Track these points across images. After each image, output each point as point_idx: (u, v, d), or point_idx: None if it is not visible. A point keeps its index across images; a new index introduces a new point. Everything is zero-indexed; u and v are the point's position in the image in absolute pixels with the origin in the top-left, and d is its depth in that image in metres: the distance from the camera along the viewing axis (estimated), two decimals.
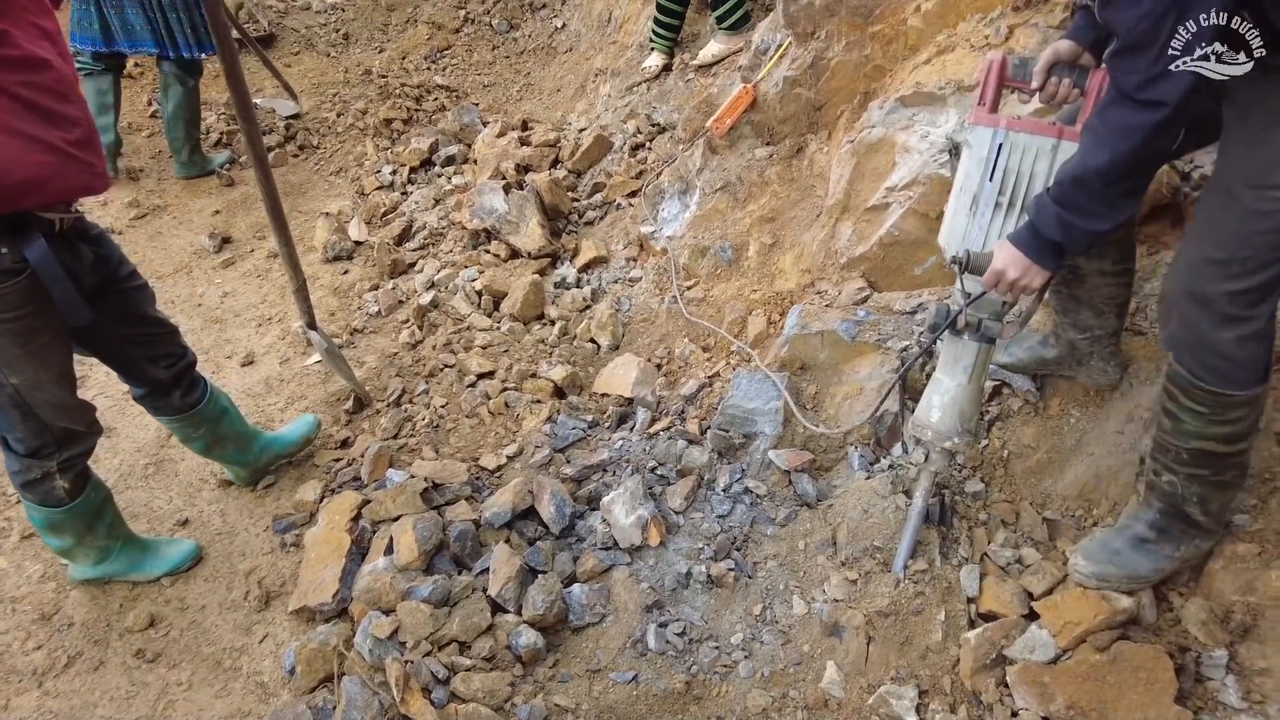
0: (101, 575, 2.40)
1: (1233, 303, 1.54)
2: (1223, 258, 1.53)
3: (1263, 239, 1.48)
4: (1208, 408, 1.65)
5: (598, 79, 5.07)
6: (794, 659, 2.05)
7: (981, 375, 2.00)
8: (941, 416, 2.00)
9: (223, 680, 2.20)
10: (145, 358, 2.29)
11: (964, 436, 1.99)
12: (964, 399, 1.99)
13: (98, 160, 1.91)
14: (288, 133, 5.35)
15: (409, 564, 2.25)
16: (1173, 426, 1.73)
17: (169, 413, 2.41)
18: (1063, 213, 1.61)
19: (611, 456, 2.64)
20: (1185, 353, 1.66)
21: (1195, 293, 1.58)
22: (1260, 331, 1.57)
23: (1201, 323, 1.59)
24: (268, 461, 2.76)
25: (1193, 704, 1.76)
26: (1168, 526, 1.83)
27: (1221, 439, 1.68)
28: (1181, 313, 1.63)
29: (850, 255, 2.82)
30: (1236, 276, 1.52)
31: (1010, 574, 2.07)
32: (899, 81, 2.98)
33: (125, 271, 2.20)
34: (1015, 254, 1.71)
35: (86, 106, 1.92)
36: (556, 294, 3.47)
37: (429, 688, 1.98)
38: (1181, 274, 1.63)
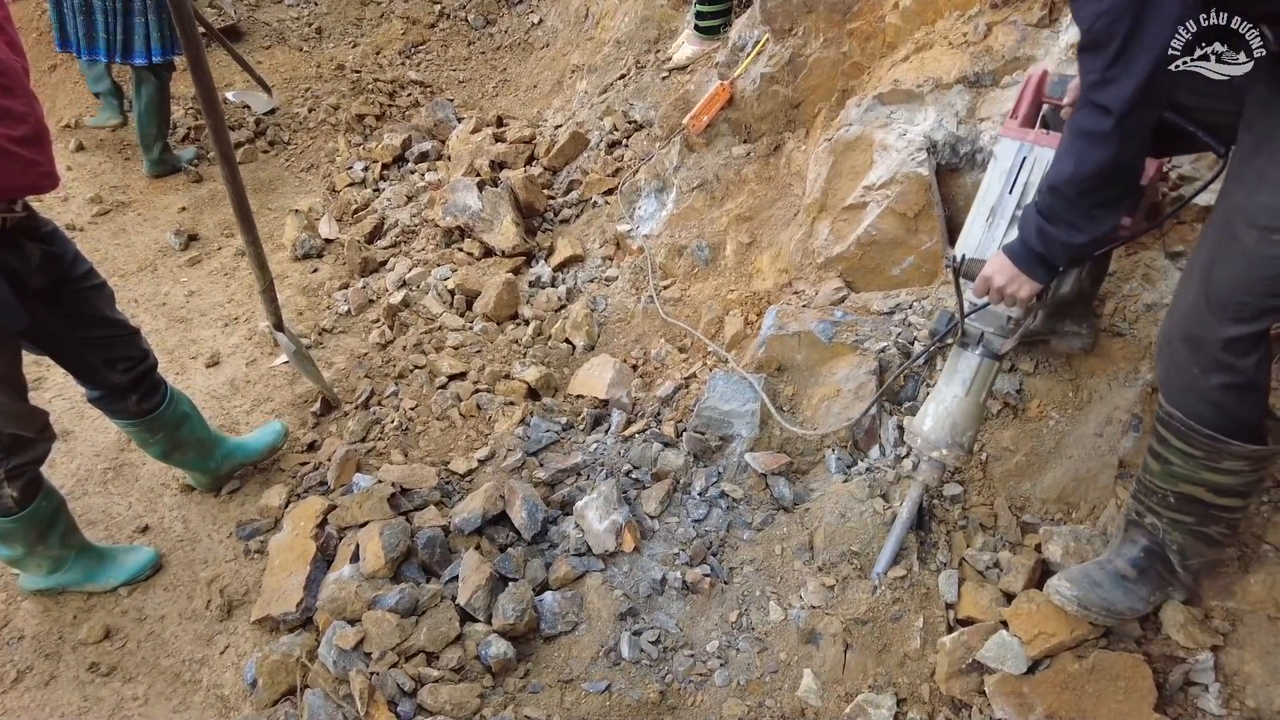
0: (55, 586, 2.32)
1: (1227, 349, 1.48)
2: (1221, 301, 1.47)
3: (1264, 285, 1.42)
4: (1202, 452, 1.58)
5: (575, 75, 5.01)
6: (770, 667, 2.00)
7: (981, 390, 1.94)
8: (933, 426, 1.96)
9: (181, 693, 2.12)
10: (102, 361, 2.20)
11: (953, 449, 1.94)
12: (958, 411, 1.94)
13: (45, 159, 1.83)
14: (258, 128, 5.24)
15: (375, 572, 2.19)
16: (1161, 469, 1.67)
17: (125, 417, 2.33)
18: (1043, 223, 1.58)
19: (586, 460, 2.59)
20: (1177, 396, 1.60)
21: (1190, 335, 1.53)
22: (1247, 383, 1.51)
23: (1194, 367, 1.54)
24: (231, 469, 2.68)
25: (1173, 711, 1.73)
26: (1149, 568, 1.77)
27: (1211, 487, 1.62)
28: (1174, 355, 1.58)
29: (828, 255, 2.79)
30: (1233, 321, 1.46)
31: (989, 578, 2.04)
32: (877, 79, 2.95)
33: (80, 270, 2.10)
34: (1004, 262, 1.69)
35: (36, 101, 1.84)
36: (531, 293, 3.41)
37: (395, 700, 1.92)
38: (1179, 316, 1.57)
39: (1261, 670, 1.67)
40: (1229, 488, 1.61)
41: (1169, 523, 1.71)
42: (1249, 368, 1.49)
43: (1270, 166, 1.39)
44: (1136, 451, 2.09)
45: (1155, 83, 1.31)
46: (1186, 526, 1.69)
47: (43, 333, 2.03)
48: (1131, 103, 1.33)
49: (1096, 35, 1.32)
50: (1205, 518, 1.67)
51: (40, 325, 1.94)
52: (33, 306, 1.93)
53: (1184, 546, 1.72)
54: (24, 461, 2.07)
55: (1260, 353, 1.50)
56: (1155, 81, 1.31)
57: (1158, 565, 1.78)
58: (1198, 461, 1.60)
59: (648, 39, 4.59)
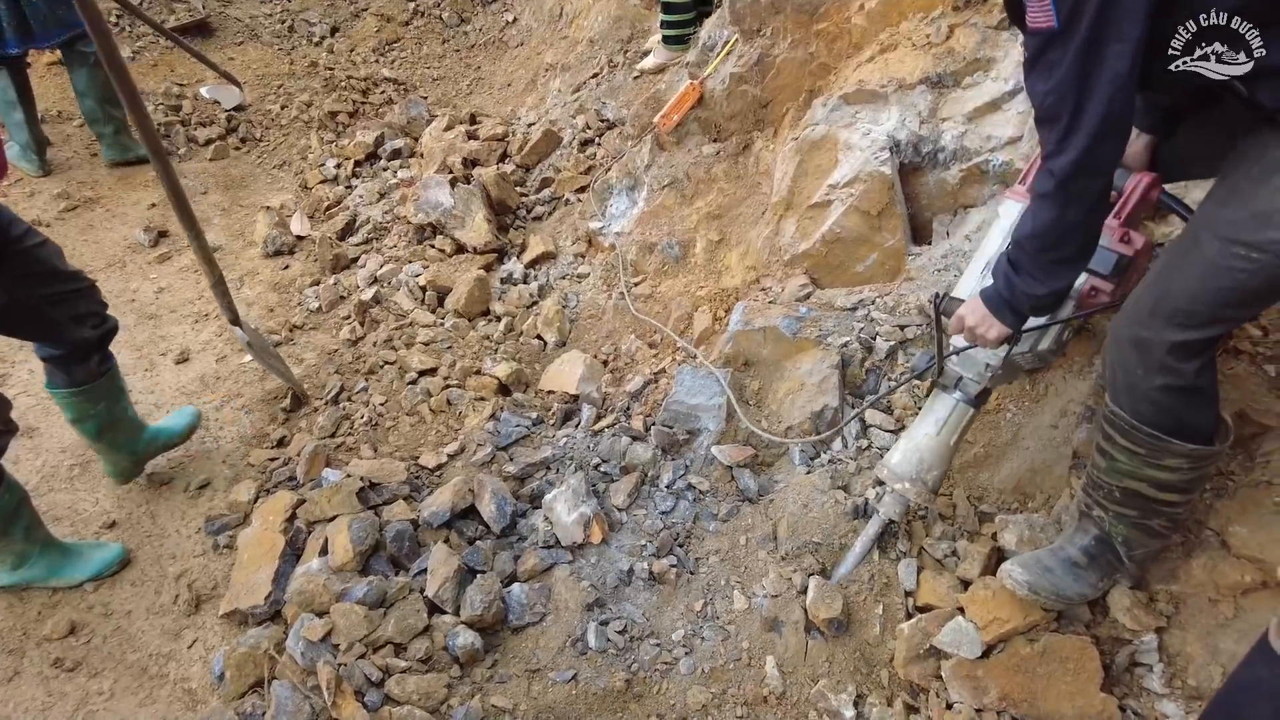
0: (19, 582, 2.30)
1: (1171, 352, 1.52)
2: (1172, 307, 1.50)
3: (1219, 295, 1.45)
4: (1145, 449, 1.63)
5: (548, 74, 5.03)
6: (734, 655, 2.04)
7: (953, 433, 1.98)
8: (900, 460, 2.01)
9: (148, 688, 2.12)
10: (70, 317, 2.20)
11: (916, 484, 1.98)
12: (926, 448, 1.99)
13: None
14: (229, 125, 5.20)
15: (344, 565, 2.20)
16: (1107, 465, 1.72)
17: (80, 381, 2.32)
18: (1011, 272, 1.65)
19: (555, 454, 2.61)
20: (1121, 395, 1.64)
21: (1138, 337, 1.56)
22: (1188, 387, 1.54)
23: (1137, 366, 1.58)
24: (154, 452, 2.69)
25: (1119, 691, 1.79)
26: (1099, 556, 1.83)
27: (1153, 483, 1.67)
28: (1121, 355, 1.62)
29: (794, 252, 2.83)
30: (1181, 327, 1.50)
31: (947, 566, 2.09)
32: (843, 79, 3.00)
33: (19, 231, 2.08)
34: (978, 304, 1.75)
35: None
36: (503, 290, 3.42)
37: (362, 691, 1.94)
38: (1129, 316, 1.61)
39: (1202, 650, 1.74)
40: (1170, 484, 1.66)
41: (1114, 516, 1.77)
42: (1190, 372, 1.53)
43: (1243, 180, 1.43)
44: (1090, 442, 2.14)
45: (1095, 154, 1.41)
46: (1130, 520, 1.75)
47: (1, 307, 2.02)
48: (1069, 172, 1.44)
49: (1046, 112, 1.43)
50: (1148, 512, 1.72)
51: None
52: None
53: (1128, 538, 1.77)
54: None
55: (1204, 359, 1.53)
56: (1094, 153, 1.40)
57: (1108, 554, 1.83)
58: (1140, 459, 1.64)
59: (621, 38, 4.63)
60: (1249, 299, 1.47)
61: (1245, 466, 1.89)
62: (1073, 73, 1.36)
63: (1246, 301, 1.47)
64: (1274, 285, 1.42)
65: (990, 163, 2.59)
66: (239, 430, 2.94)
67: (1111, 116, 1.37)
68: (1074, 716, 1.76)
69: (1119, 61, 1.32)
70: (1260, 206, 1.38)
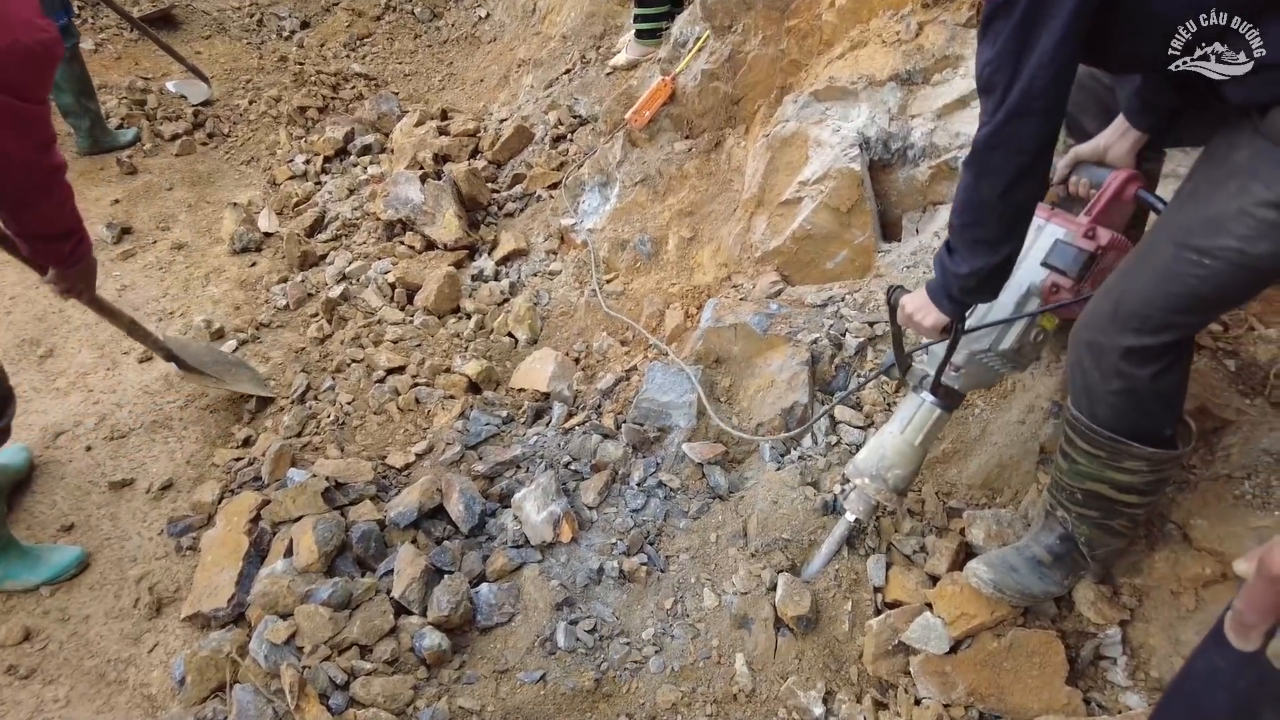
0: None
1: (1125, 357, 1.50)
2: (1127, 311, 1.48)
3: (1171, 301, 1.42)
4: (1105, 452, 1.62)
5: (521, 70, 5.00)
6: (704, 653, 2.03)
7: (917, 433, 1.91)
8: (864, 455, 1.97)
9: (106, 694, 2.08)
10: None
11: (876, 480, 1.92)
12: (890, 447, 1.93)
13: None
14: (196, 120, 5.12)
15: (309, 566, 2.17)
16: (1068, 467, 1.71)
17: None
18: (944, 254, 1.61)
19: (525, 452, 2.59)
20: (1079, 397, 1.63)
21: (1093, 341, 1.54)
22: (1143, 391, 1.52)
23: (1093, 370, 1.56)
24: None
25: (1084, 684, 1.81)
26: (1064, 554, 1.83)
27: (1114, 485, 1.66)
28: (1079, 358, 1.60)
29: (765, 249, 2.83)
30: (1135, 332, 1.47)
31: (915, 562, 2.10)
32: (814, 76, 3.01)
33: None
34: (920, 291, 1.72)
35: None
36: (473, 287, 3.39)
37: (326, 693, 1.91)
38: (1086, 319, 1.59)
39: (1165, 642, 1.75)
40: (1131, 486, 1.65)
41: (1077, 517, 1.76)
42: (1145, 378, 1.51)
43: (1203, 184, 1.41)
44: (1056, 438, 2.16)
45: (1012, 129, 1.36)
46: (1092, 520, 1.74)
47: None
48: (983, 143, 1.41)
49: (985, 83, 1.39)
50: (1110, 513, 1.72)
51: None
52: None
53: (1091, 538, 1.77)
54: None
55: (1160, 365, 1.50)
56: (1012, 127, 1.36)
57: (1073, 552, 1.84)
58: (1101, 461, 1.64)
59: (593, 34, 4.61)
60: (1202, 305, 1.43)
61: (1206, 460, 1.91)
62: (1009, 45, 1.33)
63: (1199, 308, 1.44)
64: (1225, 292, 1.41)
65: (959, 159, 2.60)
66: (203, 430, 2.89)
67: (1032, 93, 1.32)
68: (1040, 710, 1.77)
69: (1049, 38, 1.29)
70: (1214, 211, 1.36)
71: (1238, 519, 1.77)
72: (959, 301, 1.65)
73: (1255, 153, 1.32)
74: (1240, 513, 1.79)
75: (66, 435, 2.85)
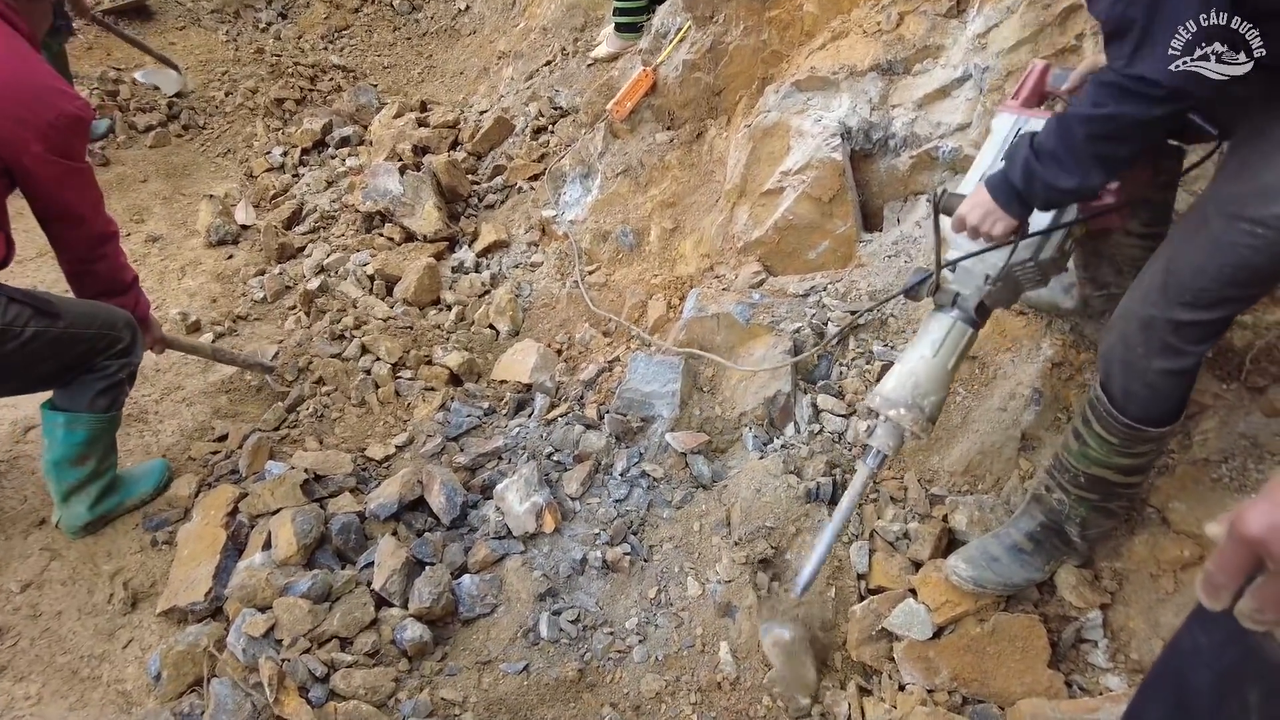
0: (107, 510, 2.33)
1: (1176, 332, 1.47)
2: (1179, 284, 1.45)
3: (1224, 273, 1.40)
4: (1119, 439, 1.61)
5: (501, 62, 4.96)
6: (688, 642, 2.03)
7: (950, 356, 1.78)
8: (894, 385, 1.77)
9: (79, 691, 2.03)
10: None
11: (913, 410, 1.74)
12: (922, 371, 1.77)
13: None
14: (170, 111, 5.04)
15: (288, 559, 2.14)
16: (1079, 449, 1.69)
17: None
18: (1032, 158, 1.53)
19: (507, 444, 2.57)
20: (1116, 371, 1.59)
21: (1143, 315, 1.51)
22: (1189, 369, 1.51)
23: (1139, 345, 1.52)
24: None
25: (1065, 667, 1.82)
26: (1044, 540, 1.84)
27: (1121, 469, 1.66)
28: (1124, 331, 1.56)
29: (747, 239, 2.83)
30: (1188, 306, 1.44)
31: (898, 549, 2.10)
32: (795, 66, 3.01)
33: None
34: (983, 196, 1.62)
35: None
36: (454, 278, 3.37)
37: (306, 686, 1.88)
38: (1137, 293, 1.55)
39: (1144, 625, 1.77)
40: (1135, 468, 1.67)
41: (1075, 499, 1.76)
42: (1193, 356, 1.49)
43: (1253, 155, 1.40)
44: (1038, 424, 2.18)
45: (1184, 52, 1.28)
46: (1092, 503, 1.75)
47: None
48: (1162, 74, 1.31)
49: (1116, 23, 1.34)
50: (1109, 495, 1.73)
51: None
52: None
53: (1086, 519, 1.78)
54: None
55: (1211, 342, 1.49)
56: (1185, 51, 1.28)
57: (1054, 538, 1.85)
58: (1112, 448, 1.63)
59: (574, 26, 4.59)
60: (1256, 277, 1.41)
61: (1184, 445, 1.93)
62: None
63: (1254, 280, 1.41)
64: (1279, 263, 1.38)
65: (940, 149, 2.61)
66: (179, 424, 2.85)
67: (1191, 13, 1.25)
68: (1022, 693, 1.78)
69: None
70: (1267, 180, 1.34)
71: (1215, 502, 1.79)
72: (1031, 210, 1.60)
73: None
74: (1217, 496, 1.81)
75: (38, 430, 2.79)
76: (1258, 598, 0.70)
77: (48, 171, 2.05)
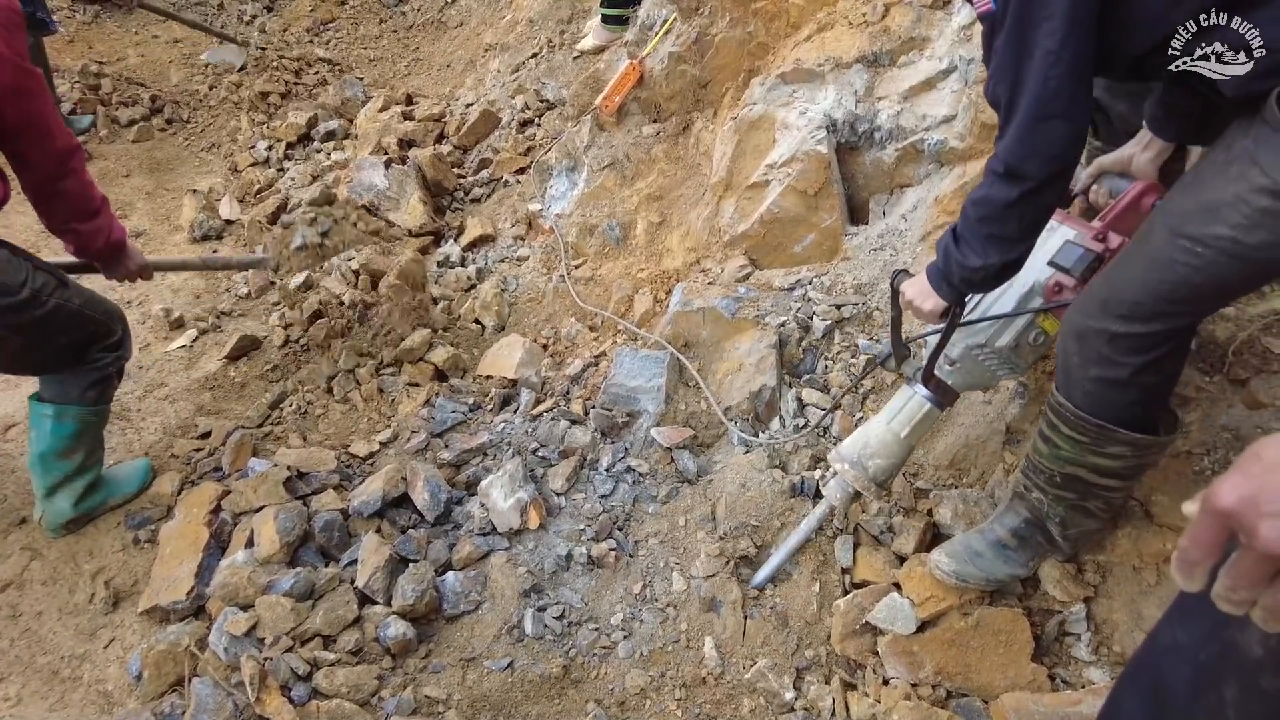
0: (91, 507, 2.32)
1: (1110, 344, 1.46)
2: (1116, 297, 1.45)
3: (1162, 289, 1.38)
4: (1088, 438, 1.60)
5: (488, 54, 4.93)
6: (673, 637, 2.02)
7: (905, 426, 1.87)
8: (849, 442, 1.93)
9: (59, 691, 2.02)
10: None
11: (856, 468, 1.88)
12: (874, 436, 1.88)
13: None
14: (154, 105, 5.00)
15: (270, 556, 2.12)
16: (1049, 451, 1.69)
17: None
18: (950, 242, 1.59)
19: (492, 439, 2.56)
20: (1060, 379, 1.61)
21: (1080, 325, 1.52)
22: (1123, 381, 1.49)
23: (1075, 354, 1.54)
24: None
25: (1049, 660, 1.82)
26: (1029, 536, 1.84)
27: (1094, 469, 1.65)
28: (1065, 343, 1.58)
29: (733, 233, 2.81)
30: (1121, 319, 1.44)
31: (883, 542, 2.10)
32: (781, 58, 2.99)
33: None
34: (920, 276, 1.70)
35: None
36: (439, 273, 3.34)
37: (288, 685, 1.87)
38: (1079, 304, 1.56)
39: (1127, 617, 1.77)
40: (1112, 470, 1.64)
41: (1053, 499, 1.75)
42: (1128, 367, 1.48)
43: (1206, 168, 1.38)
44: (1023, 418, 2.18)
45: (1035, 135, 1.35)
46: (1069, 502, 1.74)
47: None
48: (1011, 154, 1.39)
49: (992, 96, 1.42)
50: (1087, 495, 1.71)
51: None
52: None
53: (1065, 519, 1.77)
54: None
55: (1148, 357, 1.46)
56: (1035, 134, 1.35)
57: (1037, 535, 1.84)
58: (1083, 446, 1.62)
59: (560, 18, 4.56)
60: (1195, 295, 1.37)
61: None
62: (1007, 56, 1.34)
63: (1192, 298, 1.38)
64: (1222, 284, 1.35)
65: (926, 141, 2.60)
66: (162, 421, 2.83)
67: (1046, 96, 1.32)
68: (1006, 687, 1.78)
69: (1049, 39, 1.28)
70: (1211, 197, 1.31)
71: (1198, 494, 1.79)
72: (959, 290, 1.64)
73: (1257, 139, 1.27)
74: (1200, 488, 1.79)
75: (18, 428, 2.77)
76: (1231, 575, 0.69)
77: (3, 74, 1.90)
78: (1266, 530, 0.65)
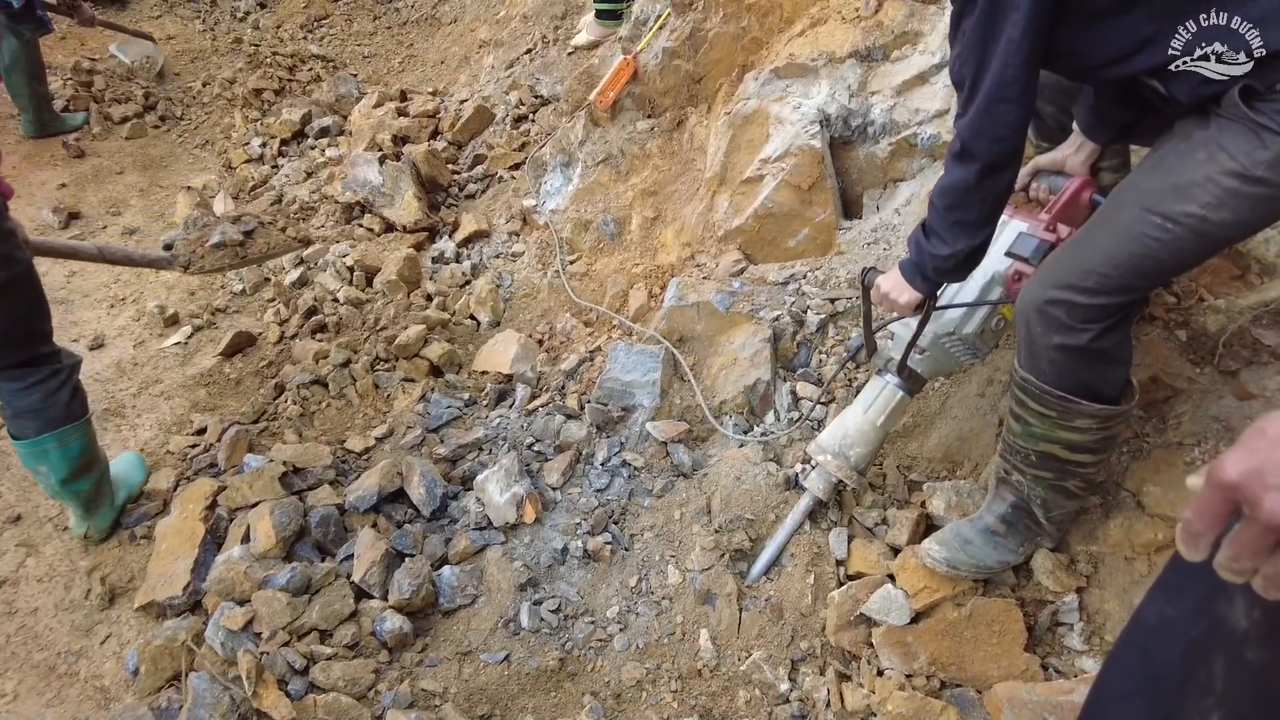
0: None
1: (1071, 313, 1.52)
2: (1084, 269, 1.50)
3: (1130, 261, 1.45)
4: (1055, 411, 1.64)
5: (482, 50, 4.92)
6: (668, 629, 2.03)
7: (880, 414, 1.98)
8: (828, 434, 2.04)
9: (56, 687, 2.02)
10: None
11: (838, 458, 2.00)
12: (852, 425, 2.01)
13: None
14: (147, 102, 4.98)
15: (267, 551, 2.13)
16: (1021, 430, 1.73)
17: None
18: (920, 234, 1.68)
19: (488, 434, 2.56)
20: (1023, 353, 1.65)
21: (1045, 297, 1.55)
22: (1082, 349, 1.54)
23: (1038, 325, 1.58)
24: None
25: (1041, 650, 1.83)
26: (1016, 522, 1.86)
27: (1065, 445, 1.68)
28: (1025, 314, 1.61)
29: (727, 228, 2.82)
30: (1086, 291, 1.49)
31: (877, 534, 2.11)
32: (774, 53, 2.99)
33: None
34: (895, 271, 1.78)
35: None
36: (434, 269, 3.34)
37: (285, 679, 1.88)
38: (1041, 276, 1.60)
39: (1119, 607, 1.78)
40: (1082, 445, 1.68)
41: (1032, 479, 1.78)
42: (1087, 335, 1.53)
43: (1170, 154, 1.46)
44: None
45: (992, 116, 1.44)
46: (1047, 482, 1.77)
47: None
48: (970, 133, 1.48)
49: (955, 77, 1.50)
50: (1063, 473, 1.74)
51: None
52: None
53: (1046, 500, 1.80)
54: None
55: (1104, 325, 1.52)
56: (992, 115, 1.44)
57: (1025, 520, 1.86)
58: (1052, 421, 1.66)
59: (555, 14, 4.55)
60: (1159, 269, 1.47)
61: (1159, 429, 1.94)
62: (975, 39, 1.41)
63: (1156, 271, 1.47)
64: (1182, 258, 1.46)
65: (919, 136, 2.61)
66: (157, 418, 2.83)
67: (1006, 81, 1.40)
68: (999, 677, 1.79)
69: (1014, 29, 1.36)
70: (1180, 179, 1.41)
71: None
72: (933, 281, 1.72)
73: (1220, 127, 1.37)
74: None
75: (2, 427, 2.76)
76: (1234, 545, 0.71)
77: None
78: (1270, 503, 0.67)
